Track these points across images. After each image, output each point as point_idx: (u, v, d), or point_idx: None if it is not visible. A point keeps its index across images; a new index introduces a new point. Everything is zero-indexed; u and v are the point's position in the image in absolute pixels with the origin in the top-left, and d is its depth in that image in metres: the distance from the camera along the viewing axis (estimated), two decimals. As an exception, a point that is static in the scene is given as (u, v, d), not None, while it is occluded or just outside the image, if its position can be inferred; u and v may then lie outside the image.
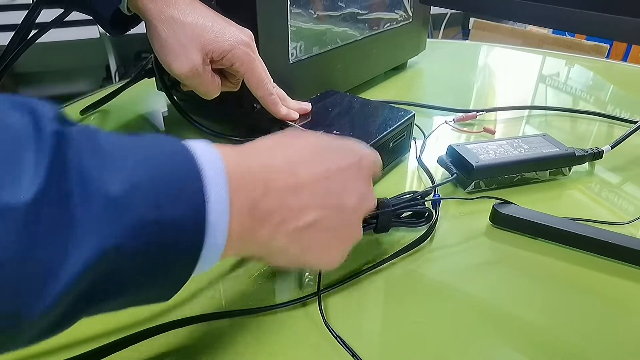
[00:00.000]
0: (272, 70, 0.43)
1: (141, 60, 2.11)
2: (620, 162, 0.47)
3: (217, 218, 0.19)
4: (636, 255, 0.33)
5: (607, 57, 1.01)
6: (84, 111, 0.53)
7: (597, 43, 0.96)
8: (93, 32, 1.74)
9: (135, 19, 0.40)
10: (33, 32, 0.44)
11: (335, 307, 0.29)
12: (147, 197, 0.17)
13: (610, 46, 1.12)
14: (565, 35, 1.18)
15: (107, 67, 2.15)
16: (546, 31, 1.14)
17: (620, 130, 0.54)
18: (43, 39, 0.45)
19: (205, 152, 0.19)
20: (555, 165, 0.42)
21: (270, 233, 0.22)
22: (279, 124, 0.42)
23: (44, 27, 0.44)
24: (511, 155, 0.41)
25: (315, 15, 0.48)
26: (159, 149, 0.18)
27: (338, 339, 0.26)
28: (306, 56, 0.49)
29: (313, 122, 0.43)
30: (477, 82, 0.73)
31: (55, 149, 0.15)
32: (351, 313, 0.29)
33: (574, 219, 0.36)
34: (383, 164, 0.43)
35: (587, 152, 0.44)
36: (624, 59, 1.09)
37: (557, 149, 0.43)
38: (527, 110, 0.59)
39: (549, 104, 0.63)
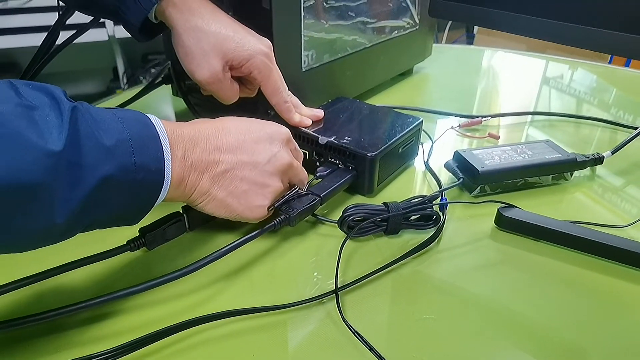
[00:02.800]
0: (286, 78, 0.45)
1: (147, 63, 2.14)
2: (620, 167, 0.49)
3: (167, 164, 0.28)
4: (634, 257, 0.35)
5: (609, 62, 1.03)
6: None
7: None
8: (102, 34, 1.76)
9: (162, 27, 0.42)
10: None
11: (351, 304, 0.31)
12: (128, 148, 0.26)
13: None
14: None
15: (114, 70, 2.18)
16: None
17: (621, 135, 0.55)
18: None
19: (156, 122, 0.28)
20: (557, 171, 0.44)
21: (197, 177, 0.31)
22: (294, 130, 0.44)
23: (78, 31, 0.46)
24: (515, 161, 0.43)
25: (327, 25, 0.50)
26: (132, 118, 0.27)
27: (356, 334, 0.28)
28: (317, 64, 0.51)
29: (325, 128, 0.44)
30: (482, 86, 0.75)
31: (71, 117, 0.24)
32: (366, 310, 0.31)
33: (575, 222, 0.38)
34: (393, 168, 0.45)
35: (588, 157, 0.46)
36: (627, 64, 1.11)
37: (560, 155, 0.45)
38: (530, 116, 0.61)
39: (552, 108, 0.65)
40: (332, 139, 0.42)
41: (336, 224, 0.37)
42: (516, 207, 0.39)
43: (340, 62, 0.54)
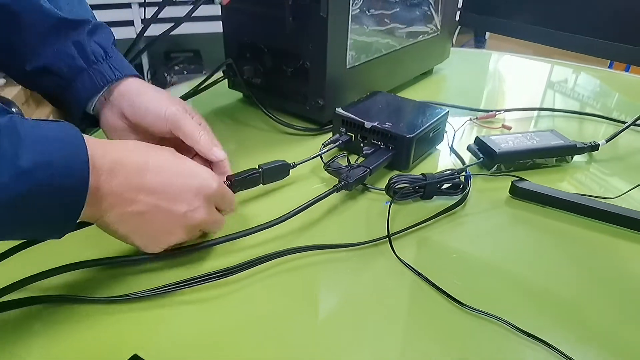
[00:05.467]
0: (333, 75, 0.54)
1: (170, 60, 2.24)
2: (612, 154, 0.58)
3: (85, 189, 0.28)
4: (622, 219, 0.44)
5: (609, 67, 1.12)
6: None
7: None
8: (129, 32, 1.85)
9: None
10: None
11: (398, 247, 0.40)
12: (45, 171, 0.26)
13: None
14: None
15: (138, 66, 2.27)
16: None
17: (615, 128, 0.64)
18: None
19: (79, 142, 0.28)
20: (560, 154, 0.53)
21: (106, 209, 0.30)
22: (341, 120, 0.53)
23: (174, 25, 0.55)
24: (526, 145, 0.52)
25: (367, 30, 0.59)
26: (57, 138, 0.27)
27: (405, 264, 0.37)
28: (357, 63, 0.60)
29: (366, 115, 0.53)
30: (494, 86, 0.84)
31: None
32: (410, 250, 0.40)
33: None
34: (424, 150, 0.54)
35: (586, 144, 0.55)
36: (627, 69, 1.20)
37: (562, 142, 0.54)
38: (537, 112, 0.70)
39: (556, 106, 0.74)
40: (375, 124, 0.51)
41: (380, 191, 0.46)
42: (527, 180, 0.48)
43: (375, 62, 0.64)
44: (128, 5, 1.77)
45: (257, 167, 0.44)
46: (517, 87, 0.83)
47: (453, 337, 0.32)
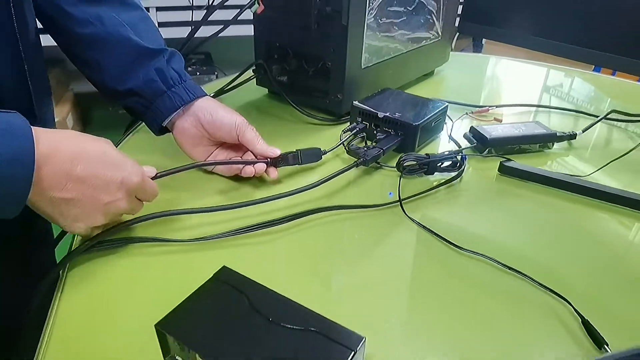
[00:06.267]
0: (351, 74, 0.64)
1: (187, 61, 2.34)
2: (587, 142, 0.68)
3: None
4: (590, 191, 0.53)
5: (595, 69, 1.22)
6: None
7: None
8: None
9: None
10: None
11: (408, 209, 0.50)
12: None
13: None
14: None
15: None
16: None
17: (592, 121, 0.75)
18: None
19: (31, 140, 0.32)
20: (542, 141, 0.63)
21: (39, 192, 0.34)
22: (358, 111, 0.63)
23: (222, 27, 0.65)
24: (513, 133, 0.62)
25: (379, 36, 0.69)
26: (6, 131, 0.31)
27: (413, 220, 0.47)
28: (370, 64, 0.70)
29: (379, 107, 0.63)
30: (488, 86, 0.94)
31: None
32: (417, 212, 0.49)
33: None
34: (428, 137, 0.64)
35: (565, 133, 0.65)
36: (613, 73, 1.30)
37: (545, 130, 0.64)
38: (525, 107, 0.80)
39: (542, 103, 0.84)
40: (387, 114, 0.61)
41: (392, 169, 0.56)
42: (513, 160, 0.58)
43: (385, 63, 0.74)
44: (146, 9, 1.88)
45: (295, 150, 0.54)
46: (509, 87, 0.93)
47: (453, 271, 0.42)
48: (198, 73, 2.04)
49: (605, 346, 0.34)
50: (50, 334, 0.35)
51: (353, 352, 0.28)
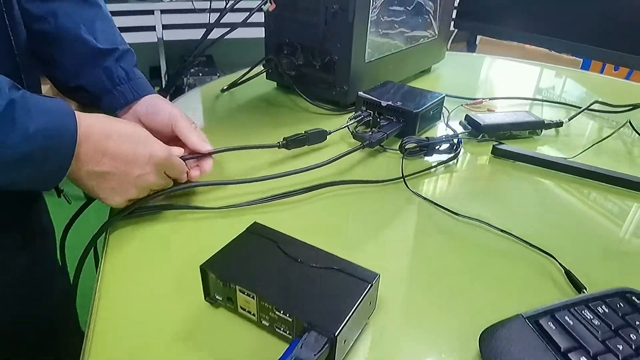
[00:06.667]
0: (355, 67, 0.70)
1: (186, 64, 2.39)
2: (572, 130, 0.74)
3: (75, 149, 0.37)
4: (571, 169, 0.59)
5: (582, 67, 1.29)
6: (223, 90, 0.80)
7: (573, 57, 1.24)
8: (151, 36, 2.01)
9: None
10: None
11: (410, 184, 0.55)
12: (46, 134, 0.35)
13: (590, 61, 1.41)
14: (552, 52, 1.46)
15: (151, 69, 2.41)
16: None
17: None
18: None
19: (71, 114, 0.37)
20: (531, 127, 0.69)
21: (78, 166, 0.39)
22: (363, 100, 0.69)
23: (229, 30, 0.70)
24: (505, 120, 0.68)
25: (381, 33, 0.75)
26: (56, 109, 0.36)
27: (414, 192, 0.53)
28: (373, 59, 0.76)
29: (383, 97, 0.69)
30: (483, 82, 1.00)
31: (7, 106, 0.33)
32: (419, 186, 0.55)
33: (539, 154, 0.63)
34: (427, 124, 0.69)
35: (552, 121, 0.71)
36: (601, 71, 1.37)
37: (534, 118, 0.70)
38: (515, 100, 0.86)
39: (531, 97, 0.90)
40: (389, 103, 0.66)
41: (395, 151, 0.62)
42: (505, 144, 0.63)
43: (386, 59, 0.79)
44: (151, 12, 1.94)
45: (303, 132, 0.60)
46: (502, 83, 0.99)
47: (452, 234, 0.47)
48: (200, 74, 2.09)
49: (584, 290, 0.40)
50: (100, 287, 0.40)
51: (370, 285, 0.33)
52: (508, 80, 1.01)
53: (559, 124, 0.72)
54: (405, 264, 0.43)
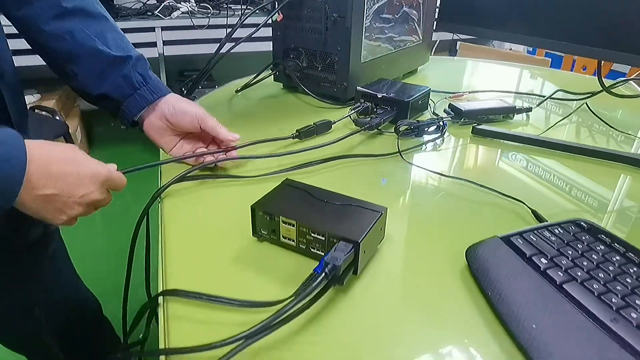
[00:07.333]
0: (353, 67, 0.81)
1: (184, 78, 2.51)
2: (540, 114, 0.86)
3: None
4: (539, 142, 0.71)
5: (552, 66, 1.44)
6: (237, 91, 0.91)
7: (544, 58, 1.39)
8: (152, 52, 2.12)
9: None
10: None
11: (405, 156, 0.66)
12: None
13: (561, 60, 1.56)
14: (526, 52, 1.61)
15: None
16: (522, 49, 1.58)
17: (547, 101, 0.93)
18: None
19: (24, 147, 0.40)
20: (505, 112, 0.81)
21: (25, 190, 0.41)
22: (361, 93, 0.80)
23: (235, 44, 0.82)
24: (483, 106, 0.80)
25: (374, 38, 0.87)
26: (3, 142, 0.39)
27: (410, 162, 0.64)
28: (367, 60, 0.88)
29: (378, 90, 0.80)
30: (463, 80, 1.12)
31: None
32: (411, 159, 0.66)
33: (512, 133, 0.74)
34: (416, 111, 0.81)
35: (523, 107, 0.83)
36: (571, 69, 1.53)
37: (507, 104, 0.82)
38: (492, 93, 0.98)
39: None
40: (384, 94, 0.78)
41: (391, 134, 0.73)
42: (483, 125, 0.75)
43: (378, 60, 0.91)
44: (152, 29, 2.06)
45: (312, 124, 0.71)
46: (481, 81, 1.12)
47: (443, 190, 0.58)
48: (200, 87, 2.20)
49: (546, 222, 0.51)
50: (165, 240, 0.49)
51: (380, 213, 0.44)
52: (485, 78, 1.14)
53: (529, 109, 0.84)
54: (405, 210, 0.54)
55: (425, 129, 0.73)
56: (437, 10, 1.00)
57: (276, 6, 0.82)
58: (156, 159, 0.64)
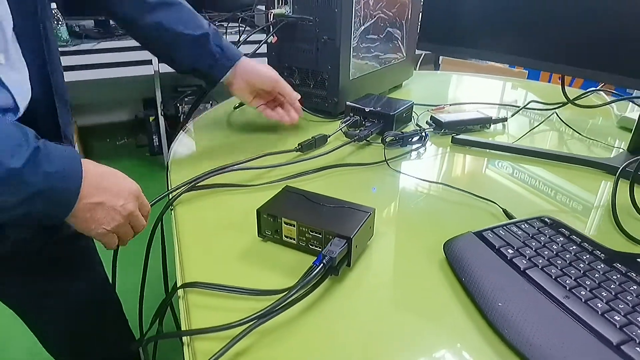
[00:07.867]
0: (343, 83, 0.89)
1: (178, 94, 2.57)
2: (514, 124, 0.94)
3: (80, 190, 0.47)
4: (512, 149, 0.78)
5: (528, 77, 1.54)
6: (235, 108, 0.98)
7: (522, 70, 1.48)
8: (148, 70, 2.17)
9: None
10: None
11: (392, 164, 0.73)
12: (60, 175, 0.45)
13: (539, 73, 1.67)
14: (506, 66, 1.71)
15: (144, 100, 2.55)
16: (502, 65, 1.67)
17: (522, 112, 1.01)
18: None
19: (77, 160, 0.47)
20: (482, 122, 0.89)
21: (79, 200, 0.47)
22: (350, 108, 0.87)
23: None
24: (461, 117, 0.87)
25: (361, 56, 0.95)
26: (68, 156, 0.46)
27: (395, 169, 0.71)
28: (356, 77, 0.95)
29: (366, 104, 0.87)
30: (445, 93, 1.20)
31: (32, 152, 0.42)
32: (397, 166, 0.73)
33: (488, 141, 0.82)
34: (402, 124, 0.88)
35: (499, 118, 0.91)
36: (549, 80, 1.63)
37: (484, 115, 0.89)
38: (471, 105, 1.06)
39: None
40: (372, 108, 0.85)
41: (378, 144, 0.80)
42: (461, 135, 0.83)
43: (366, 76, 0.99)
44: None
45: (311, 138, 0.77)
46: (461, 93, 1.20)
47: (425, 193, 0.65)
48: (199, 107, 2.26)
49: (515, 218, 0.58)
50: (180, 241, 0.55)
51: (369, 214, 0.50)
52: (465, 90, 1.23)
53: (504, 120, 0.92)
54: (391, 211, 0.61)
55: (409, 140, 0.80)
56: (419, 28, 1.08)
57: (271, 29, 0.89)
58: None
